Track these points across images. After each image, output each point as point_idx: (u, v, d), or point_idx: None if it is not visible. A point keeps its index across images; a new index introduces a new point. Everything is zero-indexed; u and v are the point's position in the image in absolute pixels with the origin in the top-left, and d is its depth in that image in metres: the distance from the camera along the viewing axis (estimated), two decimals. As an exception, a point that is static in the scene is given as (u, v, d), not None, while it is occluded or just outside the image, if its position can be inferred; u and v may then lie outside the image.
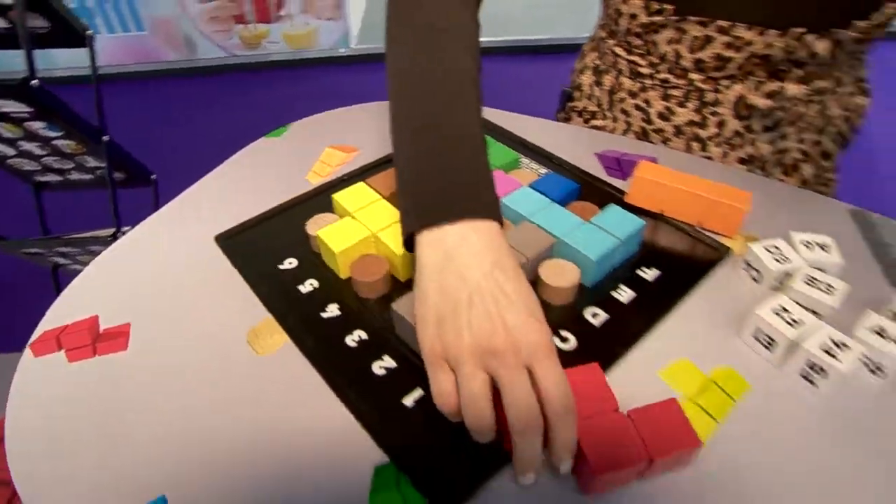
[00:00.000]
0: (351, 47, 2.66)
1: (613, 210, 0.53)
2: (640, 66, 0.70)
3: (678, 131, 0.71)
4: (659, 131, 0.72)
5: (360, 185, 0.57)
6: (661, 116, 0.71)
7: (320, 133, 0.74)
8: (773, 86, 0.63)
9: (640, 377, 0.44)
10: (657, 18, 0.65)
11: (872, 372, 0.43)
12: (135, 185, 1.29)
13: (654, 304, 0.49)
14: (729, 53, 0.62)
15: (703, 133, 0.69)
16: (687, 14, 0.62)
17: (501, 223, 0.42)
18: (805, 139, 0.69)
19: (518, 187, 0.57)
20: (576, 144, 0.69)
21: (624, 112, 0.75)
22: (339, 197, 0.56)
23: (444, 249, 0.39)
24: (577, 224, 0.52)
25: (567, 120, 0.85)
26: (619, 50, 0.72)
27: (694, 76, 0.66)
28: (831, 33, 0.59)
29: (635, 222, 0.52)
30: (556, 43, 2.69)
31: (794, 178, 0.71)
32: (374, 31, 2.62)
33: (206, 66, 2.68)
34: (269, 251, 0.55)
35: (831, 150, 0.72)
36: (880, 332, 0.43)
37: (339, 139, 0.73)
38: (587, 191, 0.60)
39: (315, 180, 0.65)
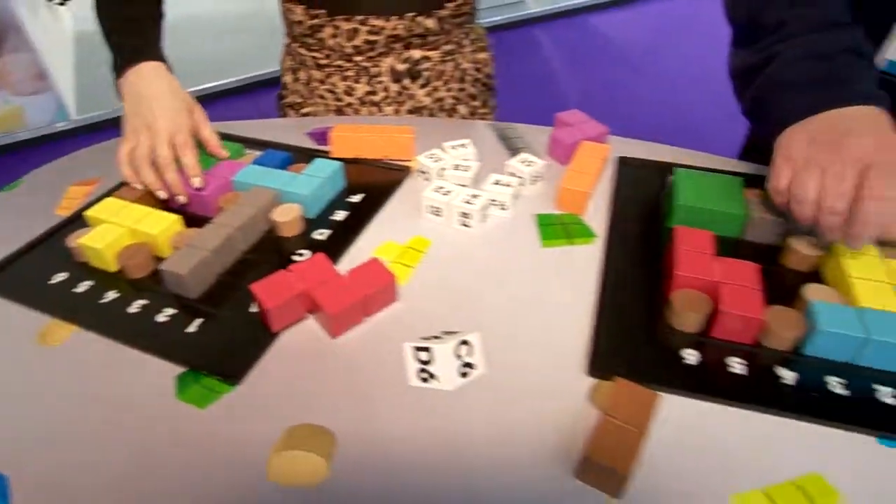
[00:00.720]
0: (72, 119, 2.51)
1: (317, 162, 0.71)
2: (319, 58, 0.89)
3: (362, 102, 0.91)
4: (349, 105, 0.92)
5: (108, 199, 0.67)
6: (347, 93, 0.91)
7: (59, 177, 0.80)
8: (407, 54, 0.87)
9: (361, 259, 0.61)
10: (316, 21, 0.84)
11: (502, 209, 0.66)
12: None
13: (363, 215, 0.67)
14: (373, 38, 0.84)
15: (376, 98, 0.91)
16: (336, 14, 0.83)
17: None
18: (452, 88, 0.94)
19: (244, 166, 0.72)
20: (291, 131, 0.85)
21: (321, 97, 0.93)
22: (92, 212, 0.65)
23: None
24: (292, 177, 0.68)
25: (284, 115, 1.01)
26: (302, 50, 0.91)
27: (357, 58, 0.87)
28: (433, 14, 0.83)
29: (334, 165, 0.70)
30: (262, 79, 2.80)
31: (455, 117, 0.96)
32: (94, 100, 2.51)
33: None
34: (37, 274, 0.62)
35: (476, 94, 0.98)
36: (497, 182, 0.66)
37: (79, 176, 0.80)
38: (299, 157, 0.76)
39: (66, 213, 0.72)
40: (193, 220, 0.65)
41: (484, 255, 0.62)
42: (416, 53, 0.88)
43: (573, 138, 0.73)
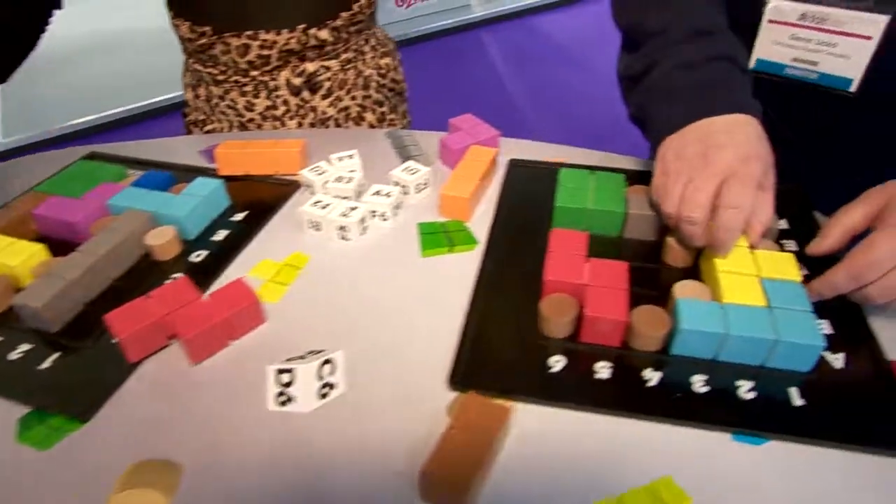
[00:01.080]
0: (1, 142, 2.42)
1: (197, 181, 0.68)
2: (216, 74, 0.87)
3: (263, 117, 0.89)
4: (251, 121, 0.90)
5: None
6: (248, 109, 0.89)
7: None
8: (302, 67, 0.85)
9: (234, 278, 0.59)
10: (204, 40, 0.82)
11: (383, 219, 0.64)
12: None
13: (245, 234, 0.65)
14: (266, 52, 0.82)
15: (278, 113, 0.88)
16: (223, 32, 0.81)
17: None
18: (356, 96, 0.92)
19: (122, 189, 0.69)
20: (187, 149, 0.83)
21: (222, 113, 0.91)
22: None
23: None
24: (169, 198, 0.66)
25: (190, 133, 0.98)
26: (198, 66, 0.88)
27: (254, 73, 0.85)
28: (326, 25, 0.82)
29: (213, 183, 0.67)
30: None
31: (363, 125, 0.94)
32: (22, 121, 2.40)
33: None
34: None
35: (383, 100, 0.96)
36: (378, 193, 0.65)
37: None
38: (183, 177, 0.73)
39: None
40: (63, 248, 0.62)
41: (362, 268, 0.60)
42: (311, 66, 0.86)
43: (462, 143, 0.72)
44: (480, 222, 0.65)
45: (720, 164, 0.51)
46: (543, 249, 0.55)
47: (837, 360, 0.49)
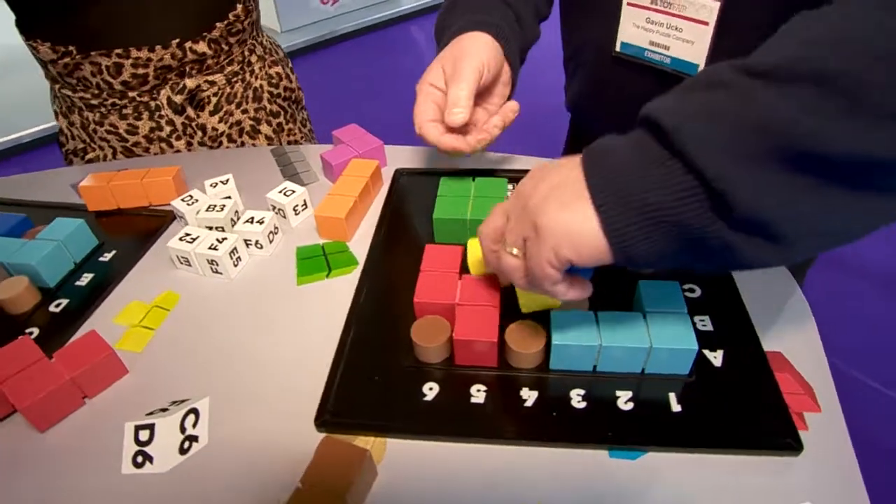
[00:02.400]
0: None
1: (56, 222, 0.63)
2: (88, 98, 0.81)
3: (149, 139, 0.84)
4: (137, 145, 0.84)
5: None
6: (130, 132, 0.83)
7: None
8: (181, 83, 0.80)
9: (102, 327, 0.54)
10: (68, 60, 0.76)
11: (258, 247, 0.61)
12: None
13: (113, 275, 0.60)
14: (141, 71, 0.77)
15: (163, 134, 0.83)
16: (89, 51, 0.75)
17: None
18: (248, 109, 0.88)
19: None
20: (59, 184, 0.77)
21: (103, 139, 0.85)
22: None
23: None
24: (21, 244, 0.60)
25: (70, 163, 0.92)
26: (66, 91, 0.82)
27: (132, 94, 0.79)
28: (202, 37, 0.77)
29: (72, 224, 0.62)
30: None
31: (259, 139, 0.90)
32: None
33: None
34: None
35: (278, 110, 0.92)
36: (251, 220, 0.61)
37: None
38: (40, 218, 0.67)
39: None
40: None
41: (234, 304, 0.57)
42: (191, 82, 0.80)
43: (341, 158, 0.68)
44: (365, 240, 0.62)
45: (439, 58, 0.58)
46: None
47: (716, 359, 0.48)
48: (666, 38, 0.53)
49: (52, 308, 0.58)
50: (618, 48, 0.59)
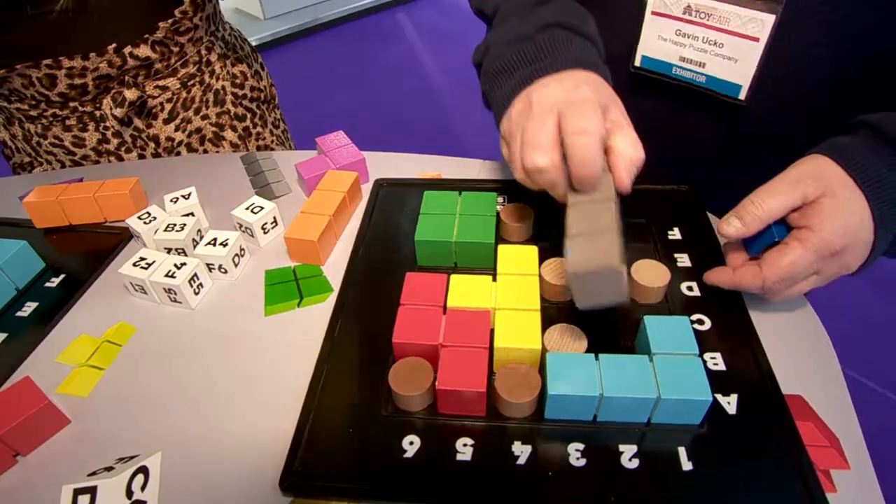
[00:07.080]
0: None
1: (-2, 242, 0.57)
2: (26, 110, 0.73)
3: (98, 152, 0.77)
4: (86, 158, 0.77)
5: None
6: (77, 145, 0.76)
7: None
8: (121, 94, 0.72)
9: (44, 367, 0.49)
10: None
11: (222, 271, 0.55)
12: None
13: (59, 304, 0.54)
14: (77, 81, 0.69)
15: (110, 147, 0.76)
16: (14, 64, 0.66)
17: None
18: (209, 114, 0.81)
19: None
20: (7, 194, 0.70)
21: (49, 153, 0.78)
22: None
23: None
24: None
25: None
26: (2, 103, 0.74)
27: (74, 104, 0.72)
28: (144, 40, 0.69)
29: (14, 246, 0.56)
30: None
31: (223, 146, 0.83)
32: None
33: None
34: None
35: (245, 113, 0.85)
36: (214, 242, 0.55)
37: None
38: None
39: None
40: None
41: (194, 338, 0.51)
42: (132, 93, 0.72)
43: (316, 171, 0.62)
44: (342, 261, 0.56)
45: (546, 101, 0.44)
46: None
47: (730, 405, 0.43)
48: (701, 55, 0.47)
49: (-6, 341, 0.52)
50: (637, 63, 0.53)
